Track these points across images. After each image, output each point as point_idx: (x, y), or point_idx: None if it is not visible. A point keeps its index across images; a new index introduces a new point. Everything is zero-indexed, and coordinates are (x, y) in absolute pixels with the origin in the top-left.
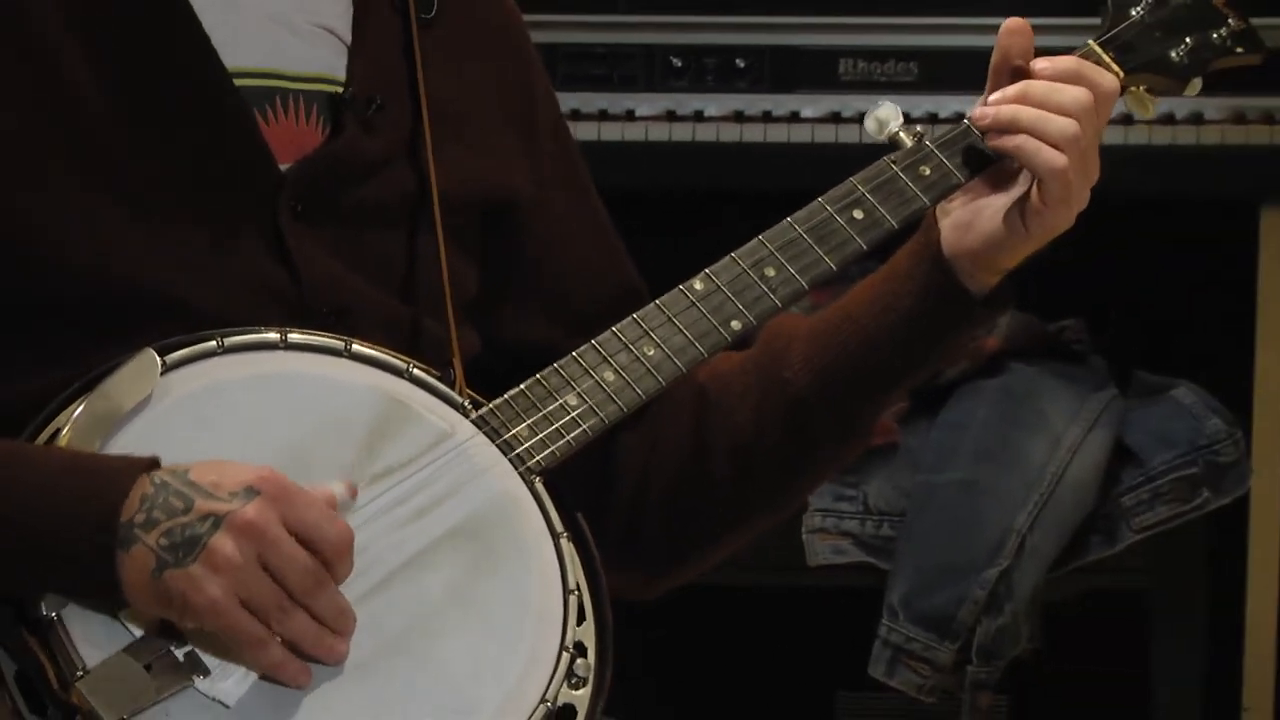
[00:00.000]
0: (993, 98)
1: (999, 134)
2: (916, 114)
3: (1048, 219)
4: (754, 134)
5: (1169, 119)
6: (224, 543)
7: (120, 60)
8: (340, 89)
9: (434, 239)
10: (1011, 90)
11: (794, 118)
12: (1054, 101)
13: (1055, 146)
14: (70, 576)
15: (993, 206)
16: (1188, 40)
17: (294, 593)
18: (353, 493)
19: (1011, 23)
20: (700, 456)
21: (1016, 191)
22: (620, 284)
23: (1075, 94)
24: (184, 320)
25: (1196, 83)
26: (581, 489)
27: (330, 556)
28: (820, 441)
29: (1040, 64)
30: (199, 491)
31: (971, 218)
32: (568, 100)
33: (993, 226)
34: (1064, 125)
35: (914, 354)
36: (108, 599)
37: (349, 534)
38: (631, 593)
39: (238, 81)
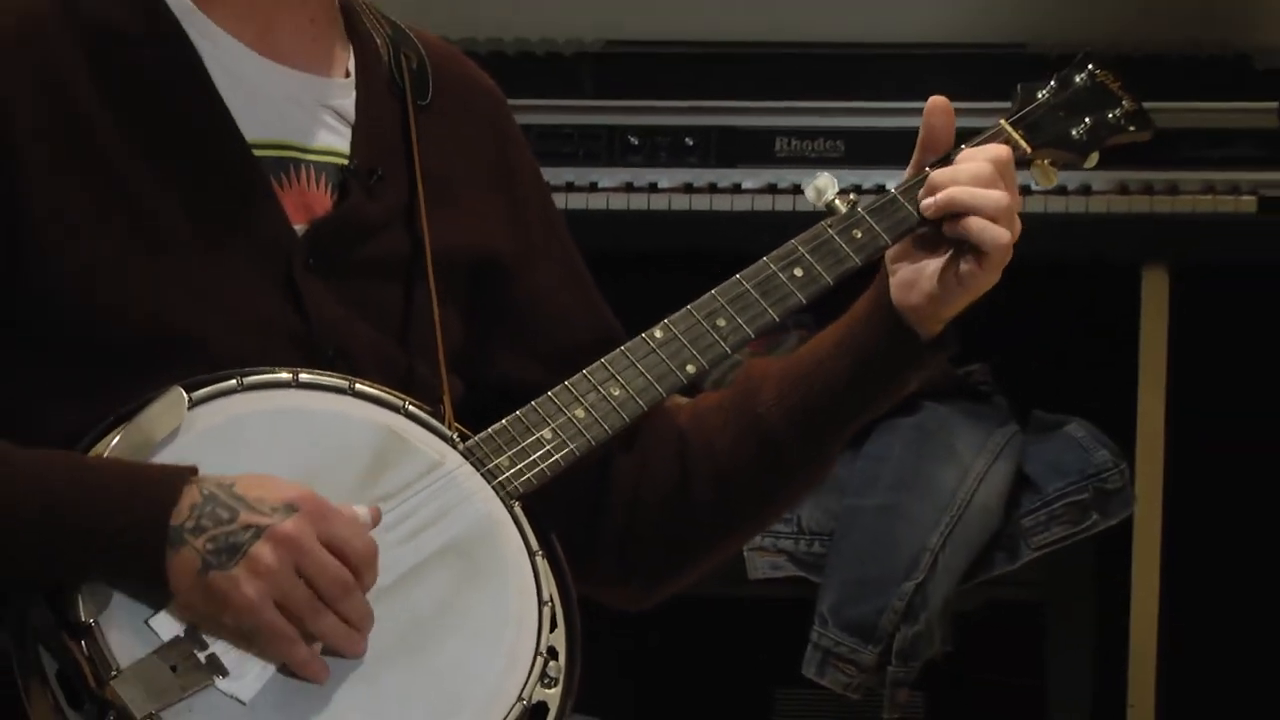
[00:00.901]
0: (925, 202)
1: (951, 220)
2: (843, 185)
3: (983, 279)
4: (701, 203)
5: (1062, 190)
6: (264, 551)
7: (157, 135)
8: (346, 161)
9: (427, 293)
10: (941, 177)
11: (736, 189)
12: (981, 180)
13: (995, 222)
14: (122, 568)
15: (931, 268)
16: (1087, 120)
17: (325, 597)
18: (376, 516)
19: (935, 101)
20: (684, 483)
21: (947, 255)
22: (596, 330)
23: (987, 174)
24: (207, 361)
25: (1094, 156)
26: (577, 513)
27: (358, 566)
28: (791, 468)
29: (964, 153)
30: (244, 504)
31: (915, 277)
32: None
33: (932, 285)
34: (996, 201)
35: (870, 392)
36: (153, 591)
37: (374, 547)
38: (630, 604)
39: (257, 153)
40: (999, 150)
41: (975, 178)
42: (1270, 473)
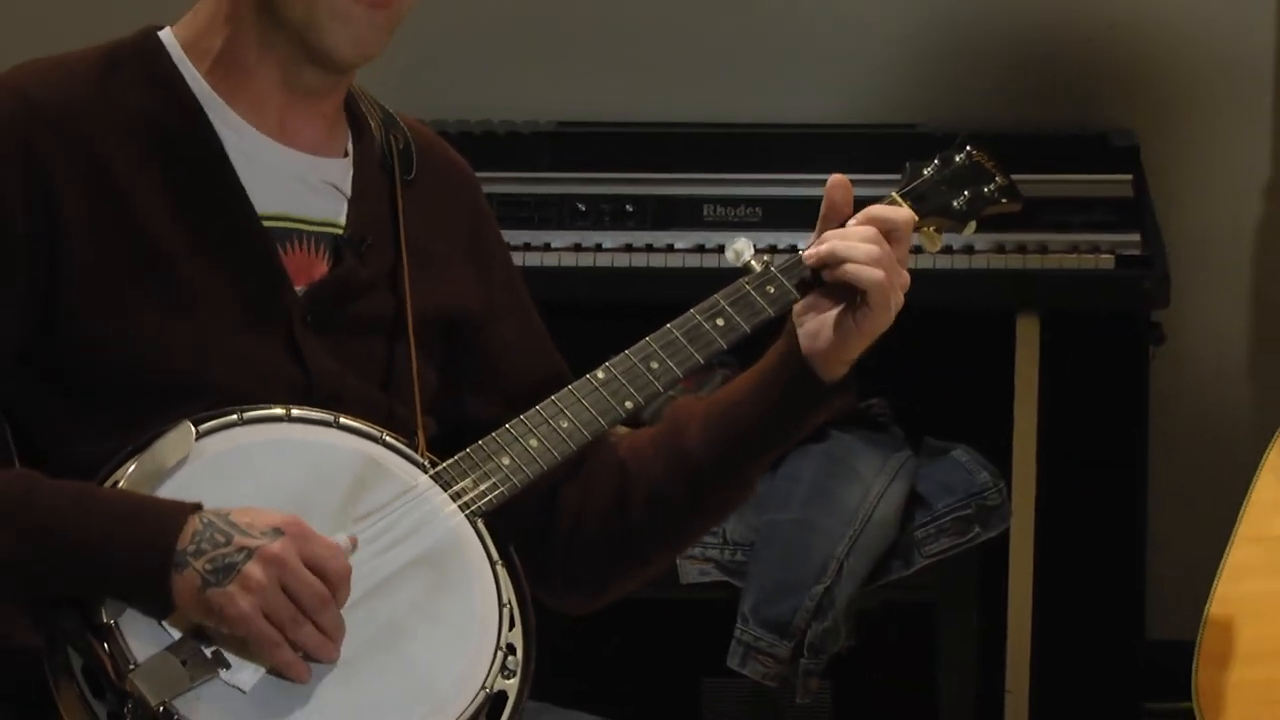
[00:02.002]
0: (807, 253)
1: (828, 268)
2: (760, 246)
3: (874, 320)
4: (639, 261)
5: (949, 249)
6: (255, 570)
7: (181, 208)
8: (341, 231)
9: (407, 346)
10: (829, 235)
11: (669, 249)
12: (858, 236)
13: (870, 265)
14: (132, 588)
15: (831, 319)
16: (966, 193)
17: (305, 609)
18: (354, 544)
19: (835, 178)
20: (622, 506)
21: (843, 307)
22: (549, 371)
23: (868, 232)
24: (213, 399)
25: (972, 225)
26: (530, 533)
27: (335, 583)
28: (713, 493)
29: (868, 213)
30: (237, 530)
31: (818, 328)
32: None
33: (832, 333)
34: (869, 250)
35: (781, 429)
36: (159, 605)
37: (348, 569)
38: (578, 609)
39: (265, 223)
40: (883, 210)
41: (855, 233)
42: (1124, 491)
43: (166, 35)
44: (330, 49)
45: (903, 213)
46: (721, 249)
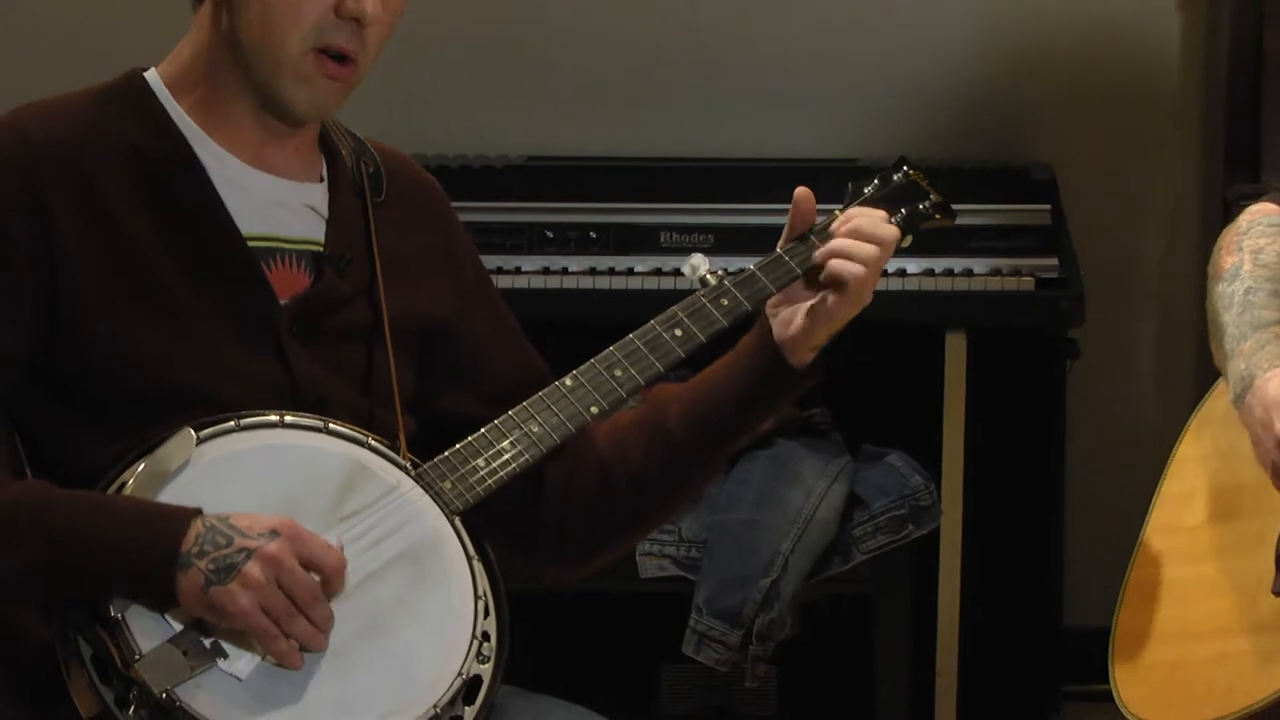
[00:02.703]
0: (821, 249)
1: (835, 256)
2: (712, 269)
3: (846, 308)
4: (603, 283)
5: (884, 273)
6: (254, 569)
7: (172, 231)
8: (321, 248)
9: (386, 353)
10: (844, 230)
11: (630, 272)
12: (867, 235)
13: (863, 264)
14: (140, 586)
15: (803, 309)
16: (903, 210)
17: (299, 604)
18: (340, 546)
19: (801, 190)
20: (606, 484)
21: (816, 298)
22: (525, 368)
23: (870, 247)
24: (211, 407)
25: (909, 238)
26: (521, 510)
27: (329, 577)
28: (690, 471)
29: (848, 214)
30: (237, 532)
31: (791, 316)
32: None
33: (804, 320)
34: (867, 250)
35: (755, 409)
36: (164, 601)
37: (344, 562)
38: (565, 577)
39: (251, 244)
40: (873, 221)
41: (859, 233)
42: (1043, 491)
43: (152, 75)
44: (290, 107)
45: (883, 215)
46: (678, 272)
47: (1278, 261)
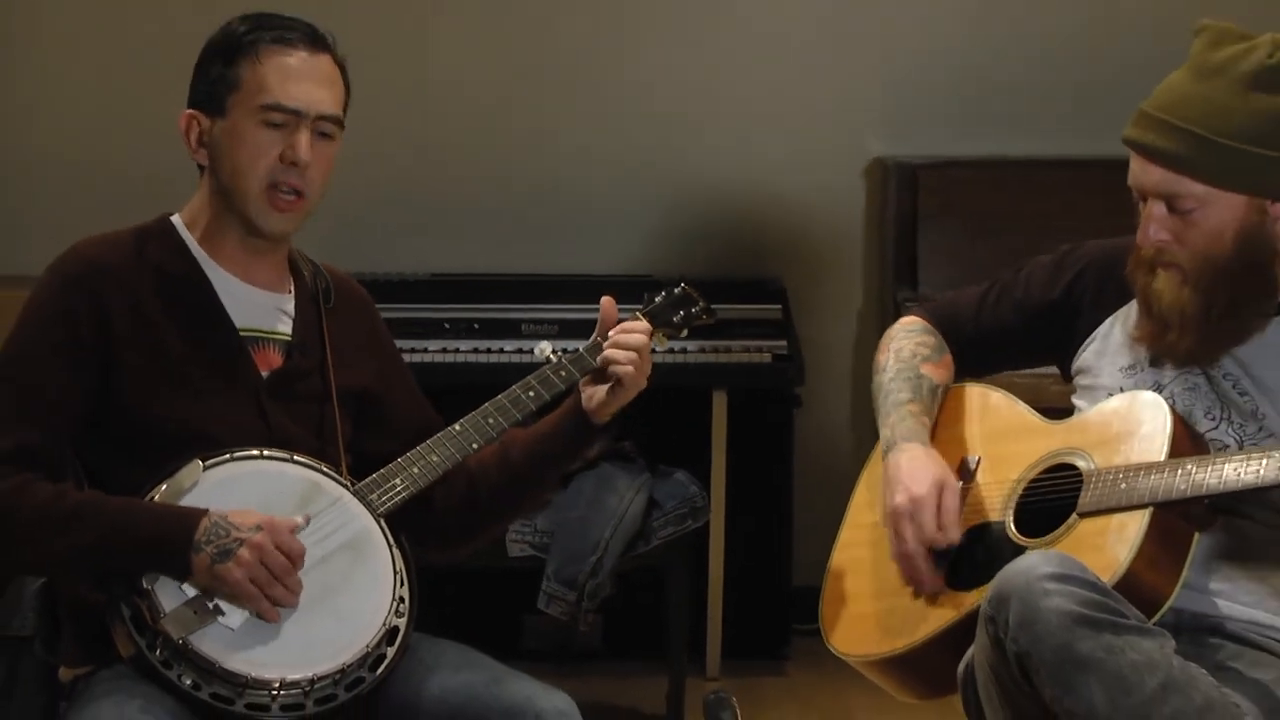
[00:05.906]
0: (601, 355)
1: (609, 363)
2: (557, 348)
3: (625, 394)
4: (483, 359)
5: (671, 350)
6: (245, 552)
7: (184, 326)
8: (289, 338)
9: (334, 411)
10: (609, 344)
11: (501, 351)
12: (624, 344)
13: (628, 364)
14: (165, 565)
15: (603, 389)
16: (681, 313)
17: (276, 576)
18: (306, 519)
19: (606, 299)
20: (473, 494)
21: (609, 383)
22: (427, 419)
23: (629, 353)
24: (213, 445)
25: (685, 331)
26: (416, 518)
27: (296, 559)
28: (528, 488)
29: (623, 326)
30: (233, 527)
31: (594, 393)
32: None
33: (604, 395)
34: (629, 355)
35: (570, 450)
36: (181, 575)
37: (303, 549)
38: (447, 557)
39: (242, 334)
40: (635, 327)
41: (623, 342)
42: (778, 500)
43: (175, 219)
44: (261, 229)
45: (644, 327)
46: (532, 352)
47: (910, 356)
